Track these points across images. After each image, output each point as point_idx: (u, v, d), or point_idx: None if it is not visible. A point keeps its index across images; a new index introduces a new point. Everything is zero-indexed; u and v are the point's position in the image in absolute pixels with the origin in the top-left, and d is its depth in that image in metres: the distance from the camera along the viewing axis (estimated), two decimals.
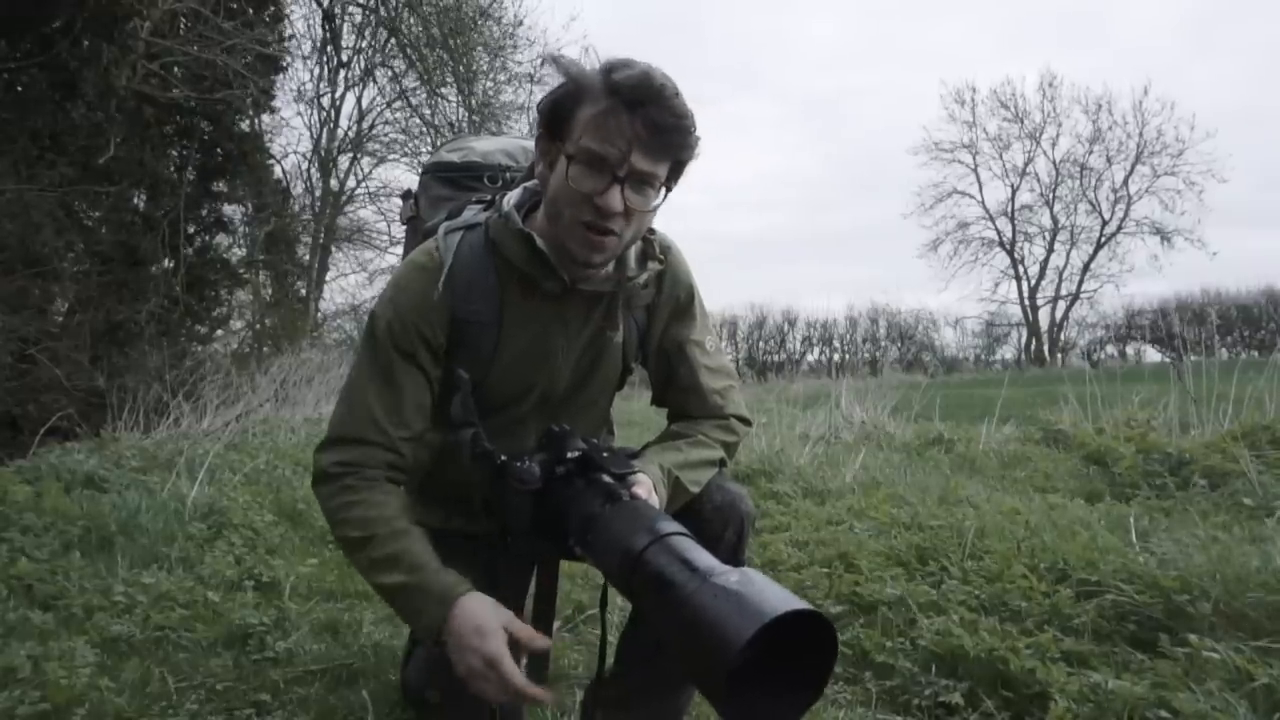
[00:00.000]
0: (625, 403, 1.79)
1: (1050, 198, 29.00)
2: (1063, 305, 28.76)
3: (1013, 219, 29.38)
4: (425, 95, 12.03)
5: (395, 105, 13.48)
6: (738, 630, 0.77)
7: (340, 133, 14.35)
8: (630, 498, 1.05)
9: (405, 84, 12.42)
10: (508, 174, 1.59)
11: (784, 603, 0.78)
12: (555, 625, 1.48)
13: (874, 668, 1.94)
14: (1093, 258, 28.32)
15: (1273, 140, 39.36)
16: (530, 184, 1.35)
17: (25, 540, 2.71)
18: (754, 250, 45.88)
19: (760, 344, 26.33)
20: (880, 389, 7.77)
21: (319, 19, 11.35)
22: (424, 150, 12.72)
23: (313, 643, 2.14)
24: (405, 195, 1.76)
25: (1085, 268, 28.39)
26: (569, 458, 1.10)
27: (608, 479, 1.08)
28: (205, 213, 9.12)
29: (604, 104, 1.15)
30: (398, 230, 12.75)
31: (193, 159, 8.57)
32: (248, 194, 9.92)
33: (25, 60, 6.08)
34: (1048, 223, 29.11)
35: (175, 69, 7.24)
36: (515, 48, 11.99)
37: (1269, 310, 23.19)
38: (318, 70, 13.35)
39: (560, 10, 29.67)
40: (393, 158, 14.32)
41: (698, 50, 42.88)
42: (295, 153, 13.93)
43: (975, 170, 29.61)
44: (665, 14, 43.82)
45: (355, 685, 1.90)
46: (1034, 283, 28.88)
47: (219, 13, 6.71)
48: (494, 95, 12.11)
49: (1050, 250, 29.00)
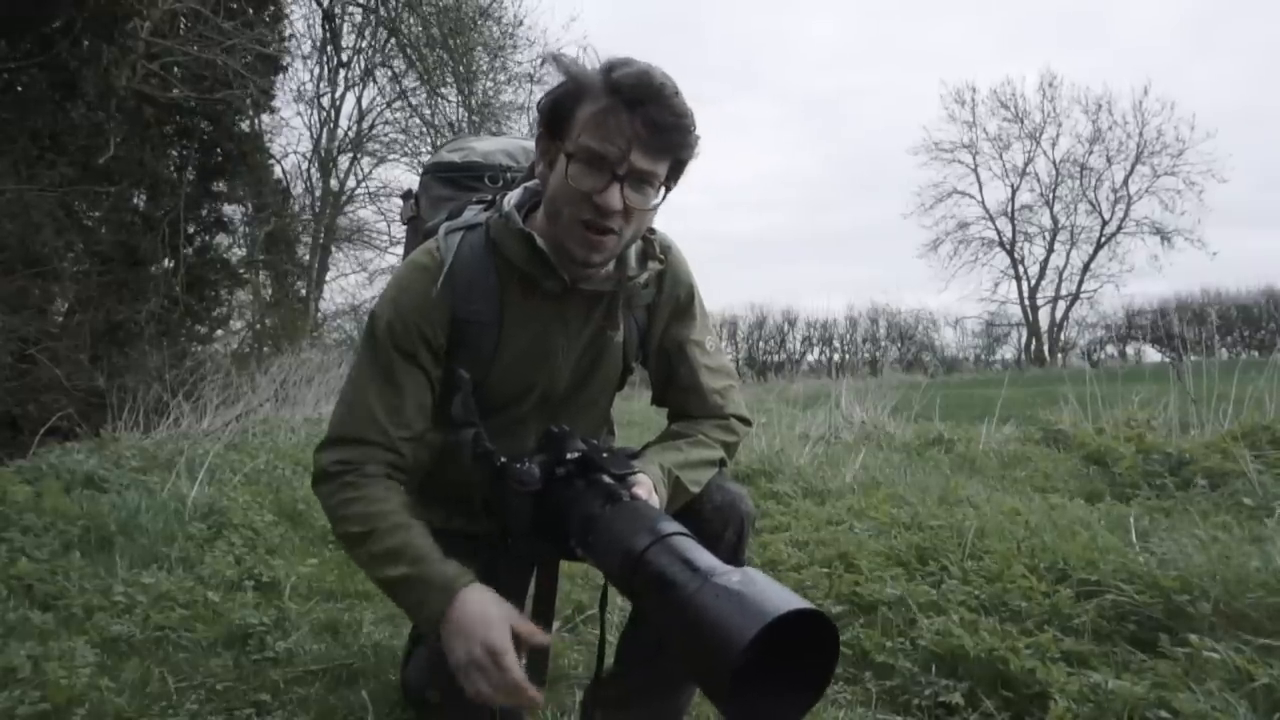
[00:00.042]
0: (625, 403, 1.79)
1: (1050, 198, 29.06)
2: (1063, 305, 28.83)
3: (1013, 219, 29.43)
4: (425, 95, 12.05)
5: (395, 105, 13.51)
6: (740, 630, 0.76)
7: (340, 133, 14.39)
8: (630, 498, 1.05)
9: (405, 84, 12.44)
10: (508, 174, 1.59)
11: (786, 602, 0.78)
12: (555, 625, 1.49)
13: (874, 668, 1.94)
14: (1093, 258, 28.38)
15: (1273, 140, 39.45)
16: (531, 184, 1.35)
17: (25, 540, 2.71)
18: (754, 250, 45.98)
19: (760, 344, 26.37)
20: (880, 389, 7.77)
21: (319, 19, 11.36)
22: (424, 150, 12.74)
23: (313, 643, 2.14)
24: (406, 195, 1.76)
25: (1085, 268, 28.44)
26: (569, 458, 1.10)
27: (608, 479, 1.07)
28: (205, 213, 9.13)
29: (604, 102, 1.15)
30: (398, 230, 12.77)
31: (193, 159, 8.58)
32: (248, 194, 9.93)
33: (25, 60, 6.08)
34: (1048, 223, 29.17)
35: (175, 69, 7.24)
36: (515, 48, 12.03)
37: (1269, 310, 23.20)
38: (318, 70, 13.41)
39: (560, 10, 29.79)
40: (393, 158, 14.37)
41: (698, 50, 42.95)
42: (295, 153, 13.98)
43: (975, 170, 29.67)
44: (665, 14, 43.90)
45: (355, 685, 1.90)
46: (1034, 283, 28.95)
47: (219, 13, 6.70)
48: (494, 95, 12.15)
49: (1050, 250, 29.07)
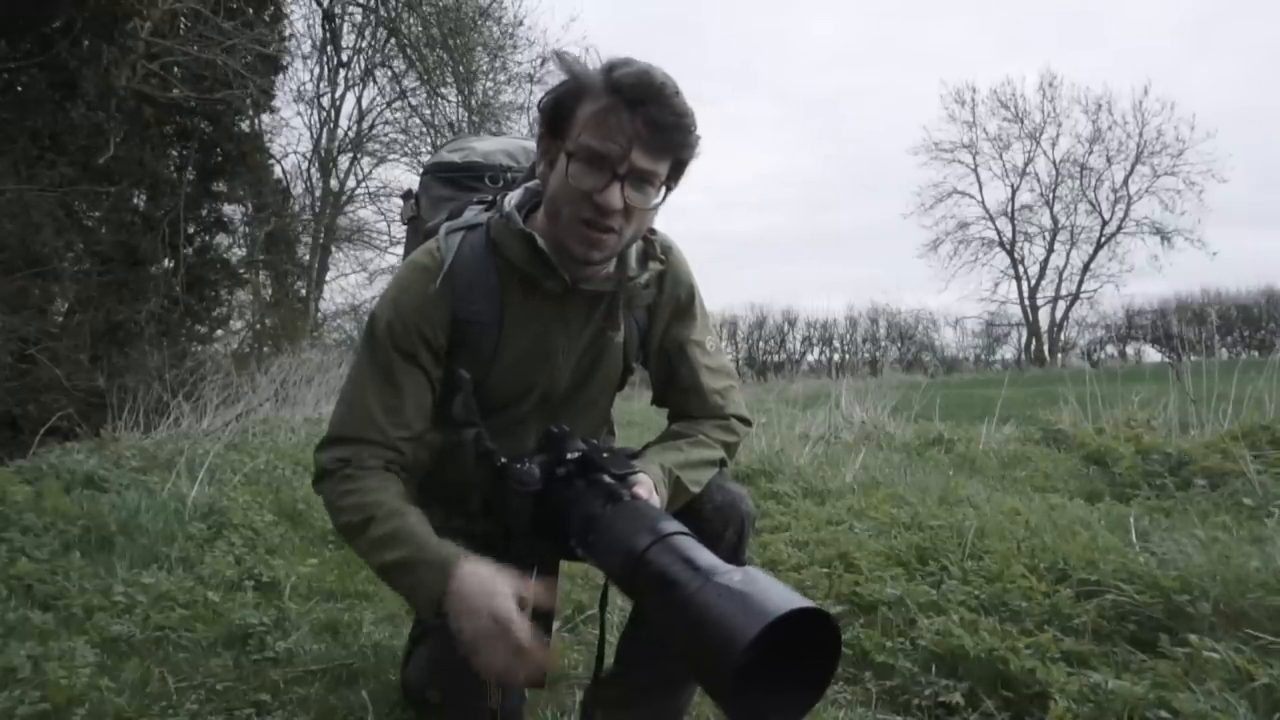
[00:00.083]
0: (625, 403, 1.79)
1: (1050, 198, 29.08)
2: (1063, 305, 28.84)
3: (1013, 219, 29.44)
4: (425, 95, 12.06)
5: (395, 105, 13.50)
6: (743, 629, 0.76)
7: (340, 133, 14.37)
8: (631, 498, 1.05)
9: (405, 84, 12.44)
10: (509, 174, 1.59)
11: (788, 601, 0.78)
12: (555, 625, 1.49)
13: (874, 668, 1.94)
14: (1093, 258, 28.39)
15: (1273, 140, 39.48)
16: (531, 184, 1.35)
17: (25, 540, 2.70)
18: (754, 250, 46.01)
19: (760, 344, 26.39)
20: (880, 389, 7.77)
21: (319, 19, 11.37)
22: (424, 150, 12.73)
23: (313, 643, 2.14)
24: (406, 195, 1.76)
25: (1085, 268, 28.45)
26: (569, 459, 1.10)
27: (608, 479, 1.07)
28: (205, 213, 9.14)
29: (605, 101, 1.15)
30: (398, 230, 12.77)
31: (193, 159, 8.57)
32: (248, 194, 9.93)
33: (25, 60, 6.08)
34: (1048, 223, 29.19)
35: (175, 69, 7.24)
36: (515, 48, 12.03)
37: (1269, 310, 23.22)
38: (318, 70, 13.40)
39: (560, 10, 29.79)
40: (393, 158, 14.36)
41: (698, 50, 42.98)
42: (295, 153, 13.96)
43: (975, 170, 29.68)
44: (665, 14, 43.92)
45: (355, 685, 1.90)
46: (1034, 283, 28.96)
47: (219, 13, 6.71)
48: (494, 95, 12.15)
49: (1050, 250, 29.09)
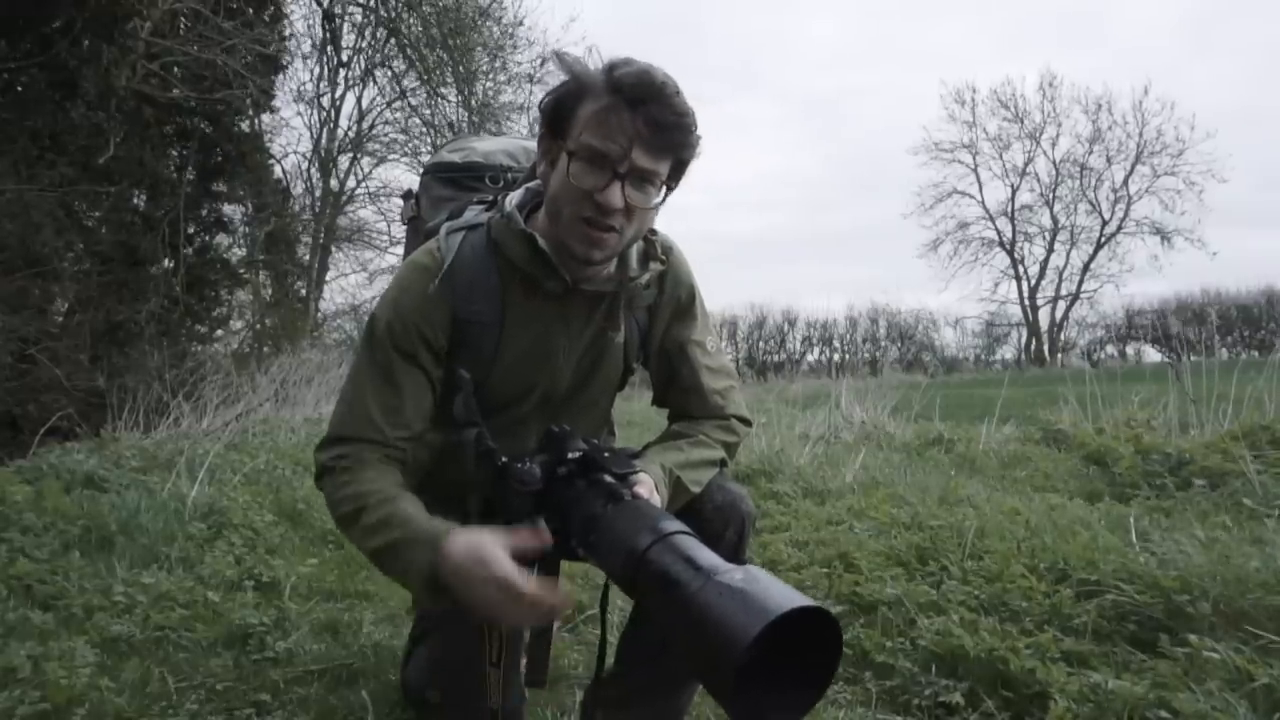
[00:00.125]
0: (625, 403, 1.79)
1: (1050, 198, 29.11)
2: (1063, 305, 28.88)
3: (1013, 219, 29.47)
4: (425, 95, 12.05)
5: (395, 105, 13.50)
6: (744, 627, 0.76)
7: (340, 133, 14.38)
8: (632, 498, 1.05)
9: (405, 84, 12.43)
10: (509, 174, 1.59)
11: (790, 600, 0.78)
12: (555, 625, 1.48)
13: (874, 668, 1.94)
14: (1093, 258, 28.42)
15: (1273, 140, 39.54)
16: (532, 184, 1.35)
17: (25, 540, 2.70)
18: (754, 250, 46.07)
19: (760, 344, 26.43)
20: (880, 389, 7.77)
21: (319, 19, 11.35)
22: (424, 150, 12.74)
23: (313, 643, 2.14)
24: (406, 195, 1.76)
25: (1085, 268, 28.48)
26: (570, 458, 1.09)
27: (609, 479, 1.07)
28: (205, 213, 9.14)
29: (605, 101, 1.15)
30: (398, 230, 12.77)
31: (193, 159, 8.57)
32: (248, 194, 9.94)
33: (25, 60, 6.08)
34: (1048, 223, 29.22)
35: (175, 69, 7.24)
36: (515, 48, 12.02)
37: (1269, 310, 23.24)
38: (318, 70, 13.40)
39: (560, 10, 29.78)
40: (393, 158, 14.36)
41: (698, 50, 43.04)
42: (295, 153, 13.98)
43: (975, 170, 29.72)
44: (665, 14, 43.98)
45: (355, 685, 1.90)
46: (1034, 283, 28.99)
47: (219, 13, 6.70)
48: (494, 95, 12.13)
49: (1050, 250, 29.12)
